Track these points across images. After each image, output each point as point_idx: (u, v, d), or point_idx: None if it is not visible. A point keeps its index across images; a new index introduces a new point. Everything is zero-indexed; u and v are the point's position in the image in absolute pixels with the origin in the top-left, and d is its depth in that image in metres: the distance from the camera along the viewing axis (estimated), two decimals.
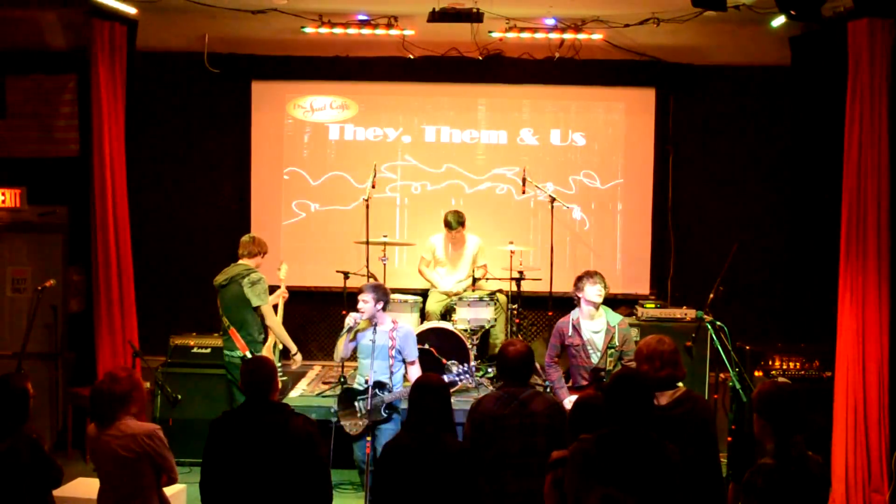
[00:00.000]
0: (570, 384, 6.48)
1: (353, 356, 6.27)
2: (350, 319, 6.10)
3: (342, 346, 6.18)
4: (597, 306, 6.42)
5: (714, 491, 4.29)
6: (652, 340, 4.50)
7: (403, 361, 6.14)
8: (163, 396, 6.70)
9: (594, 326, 6.44)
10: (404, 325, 6.27)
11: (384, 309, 6.10)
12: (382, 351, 6.06)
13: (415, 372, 6.12)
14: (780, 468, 3.56)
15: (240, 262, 6.79)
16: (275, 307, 6.84)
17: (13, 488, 4.28)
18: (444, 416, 4.16)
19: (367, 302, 6.05)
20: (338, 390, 7.18)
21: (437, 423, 4.10)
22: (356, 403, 6.05)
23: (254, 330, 6.62)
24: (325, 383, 7.49)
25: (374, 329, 6.02)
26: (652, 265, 8.49)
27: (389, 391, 5.99)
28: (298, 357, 6.77)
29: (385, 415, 5.96)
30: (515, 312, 7.43)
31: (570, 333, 6.52)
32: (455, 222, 7.74)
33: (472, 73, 8.37)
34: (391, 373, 6.05)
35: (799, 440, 3.64)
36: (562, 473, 3.83)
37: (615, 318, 6.44)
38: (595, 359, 6.37)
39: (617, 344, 6.21)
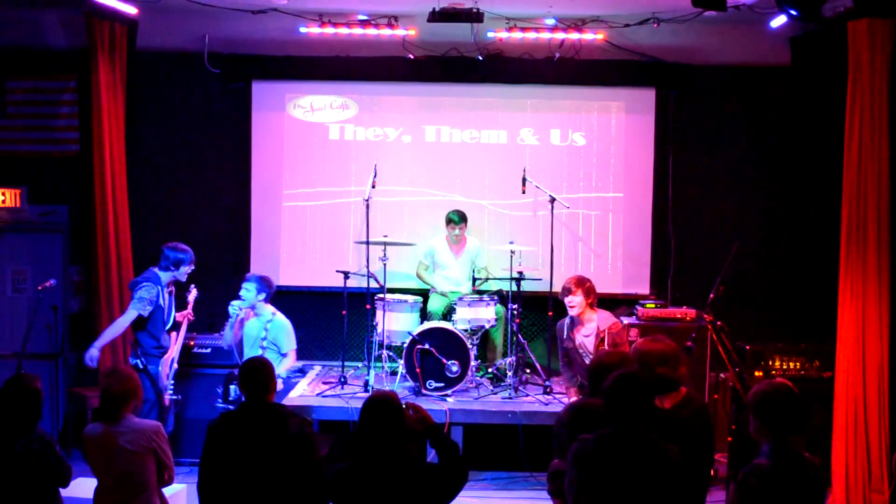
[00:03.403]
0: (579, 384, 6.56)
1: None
2: (233, 307, 6.41)
3: (228, 334, 6.47)
4: (577, 316, 6.48)
5: (703, 491, 4.32)
6: (646, 340, 4.57)
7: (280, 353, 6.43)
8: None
9: (585, 331, 6.48)
10: (281, 318, 6.49)
11: (266, 300, 6.40)
12: (256, 340, 6.42)
13: (286, 364, 6.45)
14: (774, 468, 3.56)
15: (154, 268, 6.55)
16: (178, 325, 6.62)
17: (27, 487, 4.32)
18: (397, 436, 3.69)
19: (248, 290, 6.39)
20: (338, 390, 7.22)
21: (390, 444, 3.67)
22: (230, 387, 6.36)
23: (148, 339, 6.44)
24: (325, 383, 7.50)
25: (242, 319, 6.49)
26: (652, 265, 8.49)
27: None
28: (93, 352, 6.35)
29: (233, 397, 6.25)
30: (515, 312, 7.43)
31: (565, 336, 6.57)
32: (458, 218, 7.78)
33: (472, 73, 8.36)
34: None
35: (795, 441, 3.64)
36: (560, 485, 3.83)
37: (607, 321, 6.47)
38: (588, 361, 6.40)
39: (606, 348, 6.22)
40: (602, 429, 3.76)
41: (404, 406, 3.89)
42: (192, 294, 6.81)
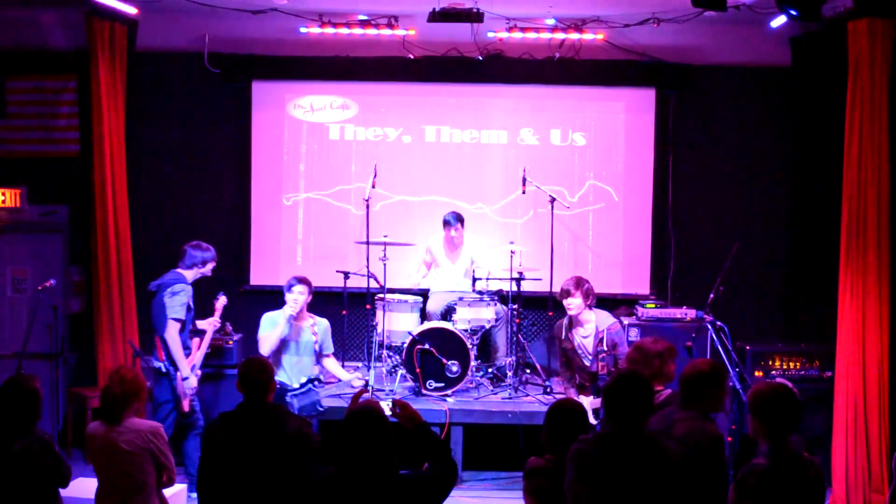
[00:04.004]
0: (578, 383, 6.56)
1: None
2: (290, 310, 6.35)
3: (276, 340, 6.33)
4: (575, 317, 6.46)
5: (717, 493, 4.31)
6: (646, 341, 4.61)
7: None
8: None
9: (583, 331, 6.47)
10: (322, 320, 6.55)
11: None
12: (308, 347, 6.39)
13: (331, 364, 6.59)
14: (772, 469, 3.56)
15: (176, 269, 6.47)
16: (202, 333, 6.56)
17: (26, 488, 4.32)
18: (381, 446, 3.54)
19: (302, 293, 6.36)
20: (334, 390, 7.20)
21: (374, 455, 3.52)
22: (289, 400, 6.20)
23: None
24: (325, 383, 7.49)
25: (290, 325, 6.38)
26: (652, 265, 8.49)
27: (321, 386, 6.31)
28: (191, 381, 6.26)
29: (321, 409, 6.17)
30: (516, 312, 7.43)
31: (563, 337, 6.56)
32: (454, 219, 7.75)
33: (472, 73, 8.36)
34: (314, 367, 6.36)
35: (794, 441, 3.64)
36: (537, 483, 3.82)
37: (606, 321, 6.46)
38: (588, 362, 6.40)
39: (605, 348, 6.22)
40: (577, 427, 3.81)
41: (391, 404, 3.87)
42: (221, 301, 6.69)
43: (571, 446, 3.69)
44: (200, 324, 6.62)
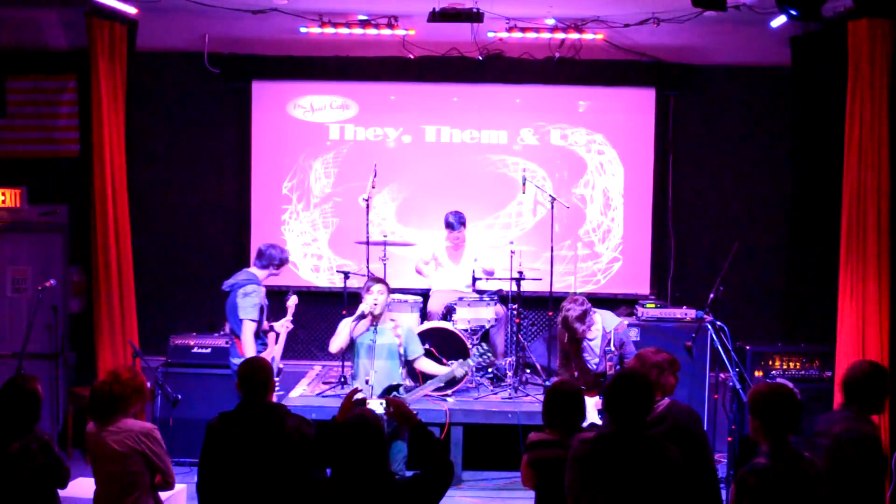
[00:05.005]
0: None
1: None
2: (364, 308, 6.13)
3: (344, 341, 6.18)
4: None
5: (711, 496, 4.31)
6: (647, 350, 4.64)
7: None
8: (163, 396, 6.70)
9: (590, 333, 6.45)
10: (404, 322, 6.38)
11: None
12: (392, 351, 6.18)
13: (426, 364, 6.36)
14: (773, 468, 3.56)
15: (249, 269, 6.62)
16: (276, 335, 6.58)
17: (25, 488, 4.31)
18: (376, 455, 3.46)
19: (382, 294, 6.13)
20: (338, 390, 7.20)
21: (370, 465, 3.45)
22: None
23: None
24: (325, 383, 7.50)
25: (375, 328, 6.11)
26: (652, 265, 8.49)
27: (406, 391, 6.05)
28: None
29: None
30: (516, 312, 7.42)
31: (566, 339, 6.53)
32: (456, 223, 7.73)
33: (472, 73, 8.37)
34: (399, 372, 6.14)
35: (795, 441, 3.64)
36: (538, 455, 3.82)
37: (612, 322, 6.45)
38: (593, 364, 6.39)
39: (613, 349, 6.21)
40: (574, 406, 3.88)
41: (385, 403, 3.84)
42: (293, 300, 6.64)
43: (572, 447, 3.70)
44: (275, 326, 6.60)
